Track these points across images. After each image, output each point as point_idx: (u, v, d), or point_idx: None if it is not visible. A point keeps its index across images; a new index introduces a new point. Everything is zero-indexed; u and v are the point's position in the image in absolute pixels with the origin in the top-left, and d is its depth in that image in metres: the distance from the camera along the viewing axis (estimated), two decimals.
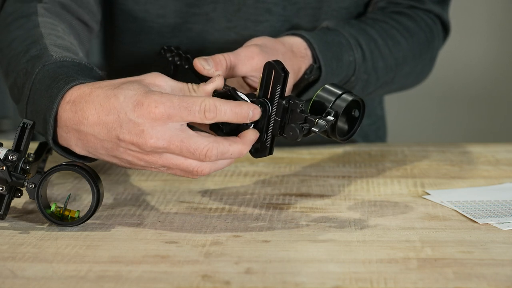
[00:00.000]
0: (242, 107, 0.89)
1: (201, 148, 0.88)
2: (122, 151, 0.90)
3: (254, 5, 1.22)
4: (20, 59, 1.02)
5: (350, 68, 1.14)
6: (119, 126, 0.89)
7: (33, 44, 1.03)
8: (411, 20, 1.26)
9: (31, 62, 1.00)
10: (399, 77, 1.24)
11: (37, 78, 0.97)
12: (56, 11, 1.13)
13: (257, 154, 0.94)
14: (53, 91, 0.93)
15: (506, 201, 1.02)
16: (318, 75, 1.10)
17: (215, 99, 0.88)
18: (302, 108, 0.91)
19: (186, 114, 0.87)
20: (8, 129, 2.61)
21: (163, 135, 0.87)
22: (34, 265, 0.82)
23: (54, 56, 0.99)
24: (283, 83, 0.91)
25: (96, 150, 0.92)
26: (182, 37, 1.24)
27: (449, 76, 2.81)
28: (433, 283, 0.78)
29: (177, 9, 1.22)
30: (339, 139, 0.93)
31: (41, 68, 0.97)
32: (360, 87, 1.17)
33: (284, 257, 0.84)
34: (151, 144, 0.88)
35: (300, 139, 0.90)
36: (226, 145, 0.89)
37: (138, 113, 0.88)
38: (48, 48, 1.01)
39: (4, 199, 0.92)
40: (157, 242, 0.88)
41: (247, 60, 0.99)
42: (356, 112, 0.94)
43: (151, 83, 0.91)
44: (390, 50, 1.20)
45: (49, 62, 0.98)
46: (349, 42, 1.14)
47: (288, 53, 1.06)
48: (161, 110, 0.87)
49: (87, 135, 0.91)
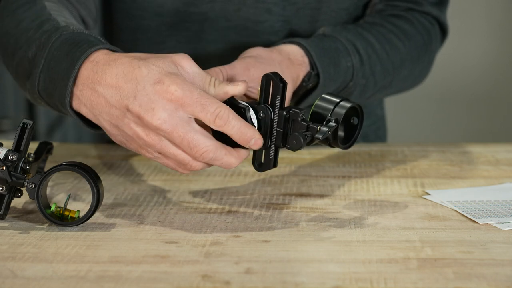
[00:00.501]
0: (249, 131, 0.90)
1: (200, 147, 0.88)
2: (126, 123, 0.90)
3: (253, 5, 1.22)
4: (32, 35, 1.01)
5: (348, 73, 1.14)
6: (133, 97, 0.89)
7: (45, 21, 1.02)
8: (409, 23, 1.26)
9: (46, 34, 0.99)
10: (397, 81, 1.24)
11: (53, 46, 0.97)
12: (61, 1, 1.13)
13: (261, 168, 0.94)
14: (76, 54, 0.94)
15: (506, 201, 1.02)
16: (317, 82, 1.10)
17: (231, 111, 0.89)
18: (303, 117, 0.91)
19: (199, 110, 0.88)
20: (8, 129, 2.62)
21: (170, 119, 0.88)
22: (34, 265, 0.82)
23: (72, 27, 0.99)
24: (282, 94, 0.91)
25: (101, 114, 0.91)
26: (180, 36, 1.24)
27: (449, 76, 2.82)
28: (433, 283, 0.78)
29: (174, 7, 1.22)
30: (341, 147, 0.93)
31: (58, 37, 0.97)
32: (358, 92, 1.17)
33: (284, 257, 0.84)
34: (156, 124, 0.88)
35: (304, 147, 0.91)
36: (223, 153, 0.90)
37: (157, 89, 0.88)
38: (60, 24, 1.01)
39: (4, 199, 0.92)
40: (157, 242, 0.88)
41: (243, 71, 0.99)
42: (355, 119, 0.94)
43: (176, 62, 0.91)
44: (387, 54, 1.20)
45: (67, 32, 0.98)
46: (346, 47, 1.14)
47: (285, 61, 1.06)
48: (179, 94, 0.87)
49: (99, 96, 0.91)
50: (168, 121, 0.88)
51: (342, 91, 1.15)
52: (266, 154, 0.94)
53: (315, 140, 0.91)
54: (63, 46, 0.96)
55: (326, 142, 0.92)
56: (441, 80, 2.75)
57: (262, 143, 0.91)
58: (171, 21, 1.23)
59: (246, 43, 1.22)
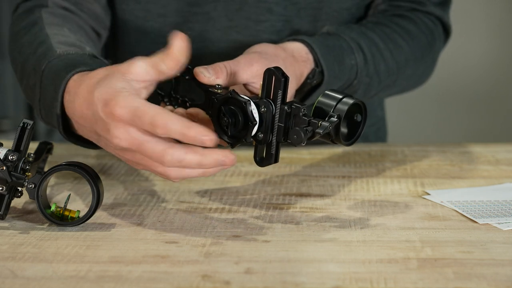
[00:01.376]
0: (190, 130, 0.86)
1: (156, 153, 0.87)
2: (103, 144, 0.92)
3: (255, 4, 1.22)
4: (30, 60, 1.06)
5: (352, 71, 1.14)
6: (95, 122, 0.91)
7: (39, 44, 1.06)
8: (412, 23, 1.26)
9: (38, 60, 1.03)
10: (401, 80, 1.24)
11: (44, 74, 1.01)
12: (61, 13, 1.15)
13: (263, 163, 0.94)
14: (57, 83, 0.97)
15: (506, 201, 1.02)
16: (321, 79, 1.10)
17: (169, 116, 0.86)
18: (304, 112, 0.91)
19: (139, 123, 0.87)
20: (8, 129, 2.62)
21: (124, 136, 0.88)
22: (34, 265, 0.82)
23: (58, 51, 1.02)
24: (284, 89, 0.91)
25: (89, 137, 0.95)
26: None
27: (449, 76, 2.81)
28: (433, 283, 0.78)
29: (178, 8, 1.22)
30: (344, 143, 0.93)
31: (46, 64, 1.01)
32: (363, 91, 1.17)
33: (284, 257, 0.84)
34: (115, 143, 0.89)
35: (305, 142, 0.90)
36: (182, 152, 0.87)
37: (105, 112, 0.88)
38: (53, 46, 1.04)
39: (4, 199, 0.92)
40: (157, 242, 0.88)
41: (247, 67, 0.99)
42: (358, 116, 0.94)
43: (124, 72, 0.90)
44: (391, 53, 1.20)
45: (53, 58, 1.01)
46: (350, 46, 1.14)
47: (289, 58, 1.06)
48: (119, 113, 0.87)
49: (79, 124, 0.95)
50: (123, 138, 0.88)
51: (346, 89, 1.15)
52: (268, 149, 0.93)
53: (316, 135, 0.90)
54: (50, 74, 1.00)
55: (328, 138, 0.92)
56: (441, 80, 2.75)
57: (212, 139, 0.86)
58: (174, 21, 1.23)
59: (248, 42, 1.22)
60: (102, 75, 0.92)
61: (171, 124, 0.86)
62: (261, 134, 0.92)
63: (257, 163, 0.94)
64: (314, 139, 0.91)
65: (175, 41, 0.91)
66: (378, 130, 1.42)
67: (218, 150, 0.87)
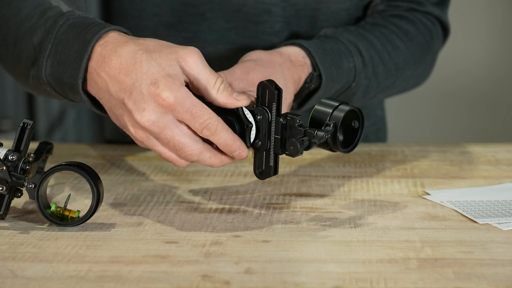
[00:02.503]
0: (235, 143, 0.91)
1: (186, 149, 0.90)
2: (120, 113, 0.91)
3: (253, 5, 1.22)
4: (35, 22, 1.02)
5: (351, 74, 1.14)
6: (129, 92, 0.90)
7: (47, 9, 1.02)
8: (410, 23, 1.26)
9: (51, 20, 1.00)
10: (400, 81, 1.24)
11: (60, 30, 0.98)
12: None
13: (262, 176, 0.95)
14: (87, 36, 0.94)
15: (506, 201, 1.02)
16: (319, 83, 1.10)
17: (220, 122, 0.90)
18: (300, 123, 0.91)
19: (188, 119, 0.89)
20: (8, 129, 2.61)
21: (159, 122, 0.89)
22: (34, 265, 0.82)
23: (77, 12, 1.00)
24: (278, 101, 0.92)
25: (103, 99, 0.93)
26: (178, 36, 1.24)
27: (449, 76, 2.81)
28: (433, 283, 0.78)
29: (172, 8, 1.22)
30: (342, 151, 0.93)
31: (65, 21, 0.98)
32: (361, 93, 1.17)
33: (284, 257, 0.84)
34: (144, 124, 0.89)
35: (302, 153, 0.91)
36: (207, 156, 0.91)
37: (150, 91, 0.88)
38: (64, 10, 1.01)
39: (4, 199, 0.92)
40: (157, 242, 0.88)
41: (243, 76, 0.99)
42: (356, 123, 0.94)
43: (181, 58, 0.91)
44: (389, 55, 1.20)
45: (73, 16, 0.99)
46: (348, 48, 1.14)
47: (287, 63, 1.05)
48: (170, 101, 0.88)
49: (102, 81, 0.92)
50: (157, 123, 0.89)
51: (345, 92, 1.15)
52: (266, 161, 0.94)
53: (312, 145, 0.91)
54: (71, 29, 0.97)
55: (327, 146, 0.92)
56: (441, 81, 2.75)
57: (246, 155, 0.92)
58: (169, 21, 1.23)
59: (246, 43, 1.23)
60: (153, 47, 0.91)
61: (220, 131, 0.90)
62: (258, 142, 0.93)
63: (257, 176, 0.95)
64: (311, 149, 0.91)
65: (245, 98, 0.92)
66: (378, 130, 1.42)
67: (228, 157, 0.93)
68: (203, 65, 0.91)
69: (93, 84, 0.94)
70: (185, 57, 0.91)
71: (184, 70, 0.91)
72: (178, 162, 0.92)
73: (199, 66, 0.91)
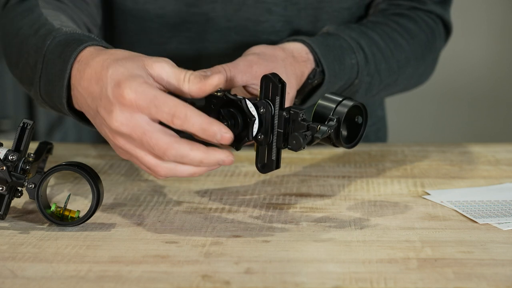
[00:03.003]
0: (212, 126, 0.86)
1: (160, 144, 0.85)
2: (98, 123, 0.90)
3: (254, 5, 1.22)
4: (30, 40, 1.04)
5: (353, 71, 1.14)
6: (99, 99, 0.89)
7: (41, 26, 1.04)
8: (412, 21, 1.26)
9: (41, 38, 1.01)
10: (402, 79, 1.24)
11: (48, 49, 0.99)
12: (56, 4, 1.14)
13: (264, 170, 0.94)
14: (66, 54, 0.95)
15: (506, 201, 1.02)
16: (322, 78, 1.10)
17: (189, 108, 0.86)
18: (303, 117, 0.91)
19: (154, 112, 0.86)
20: (8, 129, 2.62)
21: (128, 121, 0.86)
22: (34, 265, 0.82)
23: (64, 29, 1.01)
24: (281, 94, 0.91)
25: (85, 111, 0.93)
26: (181, 37, 1.24)
27: (449, 76, 2.82)
28: (433, 283, 0.78)
29: (176, 8, 1.22)
30: (345, 146, 0.93)
31: (52, 40, 0.99)
32: (364, 90, 1.17)
33: (284, 257, 0.84)
34: (115, 127, 0.87)
35: (304, 147, 0.90)
36: (187, 149, 0.86)
37: (114, 92, 0.87)
38: (55, 26, 1.02)
39: (4, 199, 0.92)
40: (157, 242, 0.88)
41: (246, 69, 0.99)
42: (359, 118, 0.93)
43: (147, 65, 0.89)
44: (392, 52, 1.20)
45: (60, 34, 1.00)
46: (350, 45, 1.14)
47: (289, 58, 1.06)
48: (131, 97, 0.86)
49: (80, 96, 0.92)
50: (126, 123, 0.86)
51: (347, 89, 1.15)
52: (269, 155, 0.93)
53: (315, 140, 0.90)
54: (57, 48, 0.98)
55: (329, 141, 0.92)
56: (441, 80, 2.75)
57: (231, 137, 0.87)
58: (172, 22, 1.24)
59: (247, 43, 1.22)
60: (121, 56, 0.90)
61: (191, 117, 0.85)
62: (261, 135, 0.92)
63: (259, 170, 0.94)
64: (314, 143, 0.91)
65: (216, 76, 0.89)
66: (379, 130, 1.42)
67: (221, 150, 0.87)
68: (170, 67, 0.89)
69: (76, 100, 0.94)
70: (152, 64, 0.89)
71: (153, 76, 0.89)
72: (157, 168, 0.87)
73: (165, 69, 0.89)
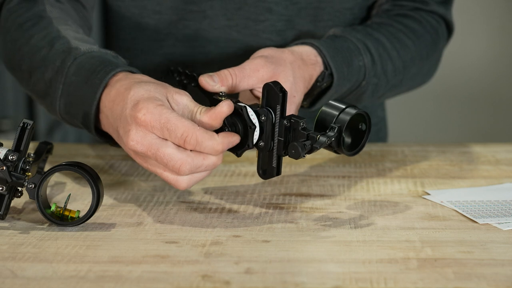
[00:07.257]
0: (222, 147, 0.90)
1: (174, 161, 0.90)
2: (121, 142, 0.94)
3: (254, 4, 1.22)
4: (45, 54, 1.05)
5: (361, 72, 1.14)
6: (119, 119, 0.92)
7: (55, 40, 1.06)
8: (417, 22, 1.26)
9: (59, 56, 1.03)
10: (407, 79, 1.24)
11: (70, 71, 1.01)
12: (59, 7, 1.14)
13: (265, 176, 0.95)
14: (95, 81, 0.98)
15: (506, 201, 1.02)
16: (330, 81, 1.10)
17: (199, 132, 0.89)
18: (303, 126, 0.91)
19: (167, 135, 0.90)
20: (8, 129, 2.61)
21: (142, 140, 0.90)
22: (34, 265, 0.82)
23: (82, 48, 1.03)
24: (282, 103, 0.92)
25: (110, 132, 0.97)
26: (178, 34, 1.24)
27: (449, 76, 2.81)
28: (433, 283, 0.78)
29: (173, 5, 1.23)
30: (347, 154, 0.93)
31: (72, 62, 1.01)
32: (371, 91, 1.18)
33: (284, 257, 0.84)
34: (130, 146, 0.91)
35: (304, 156, 0.91)
36: (200, 159, 0.90)
37: (131, 113, 0.90)
38: (71, 42, 1.04)
39: (4, 199, 0.92)
40: (157, 242, 0.88)
41: (253, 72, 1.00)
42: (363, 125, 0.94)
43: (169, 93, 0.93)
44: (398, 52, 1.20)
45: (79, 55, 1.02)
46: (357, 47, 1.15)
47: (298, 61, 1.06)
48: (146, 118, 0.89)
49: (105, 116, 0.96)
50: (140, 142, 0.90)
51: (355, 91, 1.15)
52: (269, 162, 0.94)
53: (314, 150, 0.91)
54: (80, 71, 1.01)
55: (331, 149, 0.93)
56: (441, 80, 2.75)
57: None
58: (169, 19, 1.24)
59: (248, 41, 1.23)
60: (146, 79, 0.94)
61: (202, 142, 0.89)
62: (262, 143, 0.93)
63: (261, 175, 0.95)
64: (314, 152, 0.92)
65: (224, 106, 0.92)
66: (379, 131, 1.42)
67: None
68: (188, 100, 0.93)
69: (102, 122, 0.98)
70: (173, 93, 0.93)
71: (170, 102, 0.93)
72: (177, 182, 0.92)
73: (184, 101, 0.93)
